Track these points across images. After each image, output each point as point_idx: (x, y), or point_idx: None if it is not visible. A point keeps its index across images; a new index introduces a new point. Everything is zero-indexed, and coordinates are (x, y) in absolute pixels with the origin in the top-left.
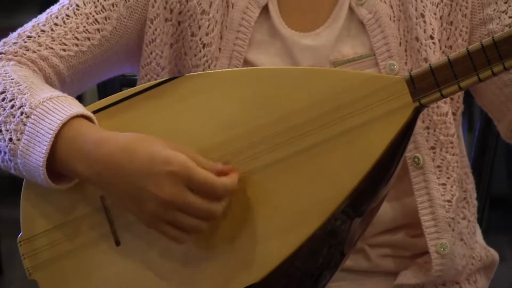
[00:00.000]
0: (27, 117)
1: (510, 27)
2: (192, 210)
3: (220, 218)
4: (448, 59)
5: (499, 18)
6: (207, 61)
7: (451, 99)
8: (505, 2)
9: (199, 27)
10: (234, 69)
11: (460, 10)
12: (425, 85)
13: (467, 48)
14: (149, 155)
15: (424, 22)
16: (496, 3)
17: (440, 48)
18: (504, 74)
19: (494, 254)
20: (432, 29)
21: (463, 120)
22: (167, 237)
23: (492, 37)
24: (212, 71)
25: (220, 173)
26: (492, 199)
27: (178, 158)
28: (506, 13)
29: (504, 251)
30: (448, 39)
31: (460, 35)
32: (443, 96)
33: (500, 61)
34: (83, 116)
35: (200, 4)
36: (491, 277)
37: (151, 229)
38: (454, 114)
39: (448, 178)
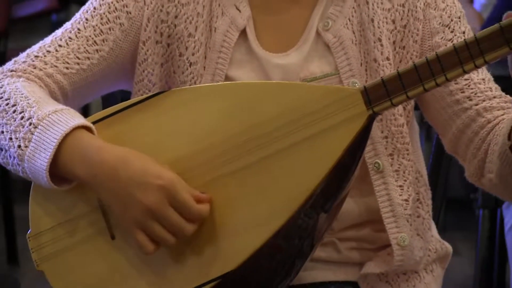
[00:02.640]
0: (35, 127)
1: None
2: (168, 223)
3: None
4: (397, 72)
5: (446, 45)
6: (193, 78)
7: (404, 109)
8: (451, 32)
9: (186, 48)
10: (213, 83)
11: (412, 36)
12: (377, 95)
13: (414, 62)
14: (143, 167)
15: (381, 45)
16: (444, 32)
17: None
18: (447, 96)
19: (448, 246)
20: (388, 51)
21: (421, 130)
22: (137, 242)
23: (436, 52)
24: (194, 86)
25: (197, 199)
26: (448, 200)
27: (169, 175)
28: (451, 41)
29: (458, 246)
30: (400, 61)
31: (411, 58)
32: (393, 105)
33: (443, 73)
34: (83, 127)
35: (187, 28)
36: (445, 266)
37: (127, 231)
38: (406, 125)
39: (405, 180)
